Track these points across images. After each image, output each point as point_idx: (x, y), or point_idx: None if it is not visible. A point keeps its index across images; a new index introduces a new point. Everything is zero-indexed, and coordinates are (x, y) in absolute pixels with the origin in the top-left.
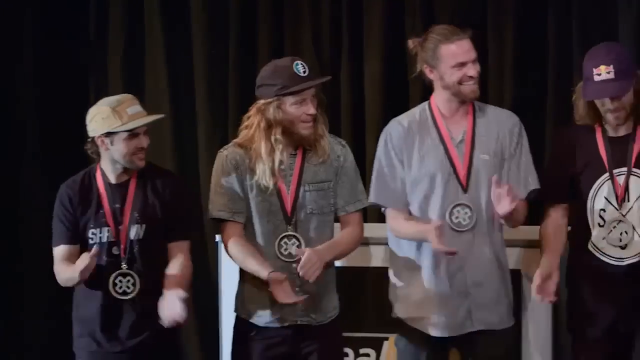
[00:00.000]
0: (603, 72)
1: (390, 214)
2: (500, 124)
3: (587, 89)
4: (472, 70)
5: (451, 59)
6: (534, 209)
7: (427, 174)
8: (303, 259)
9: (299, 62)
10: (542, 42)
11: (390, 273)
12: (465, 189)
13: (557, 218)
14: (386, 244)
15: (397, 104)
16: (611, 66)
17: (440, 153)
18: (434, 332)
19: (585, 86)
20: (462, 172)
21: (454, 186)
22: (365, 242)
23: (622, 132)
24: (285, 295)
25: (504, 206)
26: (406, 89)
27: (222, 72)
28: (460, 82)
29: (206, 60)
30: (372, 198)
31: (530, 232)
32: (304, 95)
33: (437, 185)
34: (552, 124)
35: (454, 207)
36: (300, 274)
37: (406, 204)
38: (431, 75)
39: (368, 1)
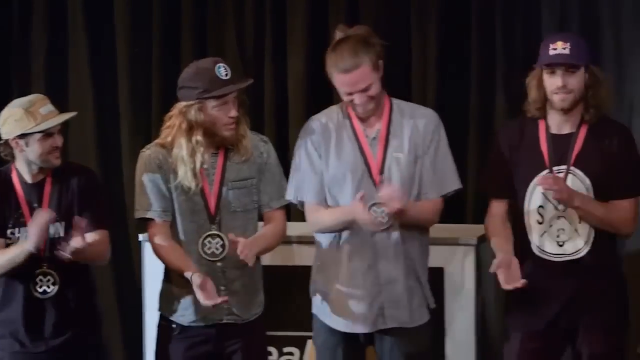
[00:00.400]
0: (559, 47)
1: (310, 208)
2: (416, 122)
3: (542, 58)
4: (358, 99)
5: (336, 83)
6: (455, 208)
7: (342, 172)
8: (240, 245)
9: (221, 64)
10: (465, 41)
11: (312, 270)
12: (378, 188)
13: (501, 213)
14: (310, 242)
15: (321, 102)
16: (568, 44)
17: (354, 151)
18: (348, 329)
19: (541, 58)
20: (375, 170)
21: (368, 184)
22: (289, 241)
23: (565, 130)
24: (207, 296)
25: (393, 205)
26: (329, 88)
27: (145, 71)
28: (351, 103)
29: (129, 59)
30: (291, 194)
31: (452, 230)
32: (225, 98)
33: (352, 182)
34: (475, 122)
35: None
36: (240, 256)
37: (325, 198)
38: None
39: (291, 0)
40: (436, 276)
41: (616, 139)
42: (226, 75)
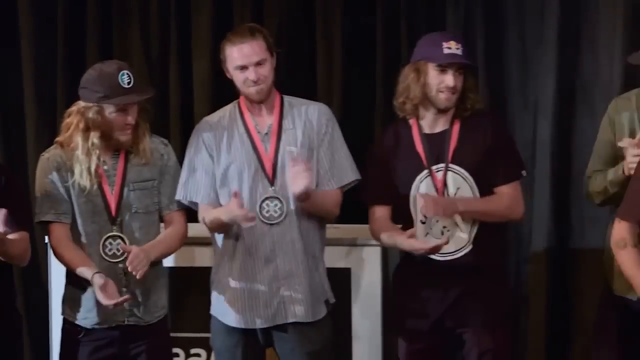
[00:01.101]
0: (453, 47)
1: (201, 207)
2: (308, 116)
3: (437, 56)
4: (253, 74)
5: (232, 61)
6: (361, 209)
7: (235, 168)
8: (130, 255)
9: (125, 71)
10: (370, 38)
11: (212, 269)
12: (272, 182)
13: (385, 215)
14: (210, 243)
15: (226, 103)
16: (460, 44)
17: (247, 147)
18: (247, 325)
19: (433, 55)
20: (268, 165)
21: (261, 179)
22: (191, 242)
23: (438, 128)
24: (107, 297)
25: (299, 184)
26: (234, 88)
27: (50, 71)
28: (245, 85)
29: (34, 59)
30: (181, 193)
31: (358, 231)
32: (124, 105)
33: (245, 178)
34: (381, 119)
35: (264, 200)
36: (129, 269)
37: (216, 197)
38: (228, 75)
39: (196, 1)
40: (343, 277)
41: (489, 129)
42: (129, 83)
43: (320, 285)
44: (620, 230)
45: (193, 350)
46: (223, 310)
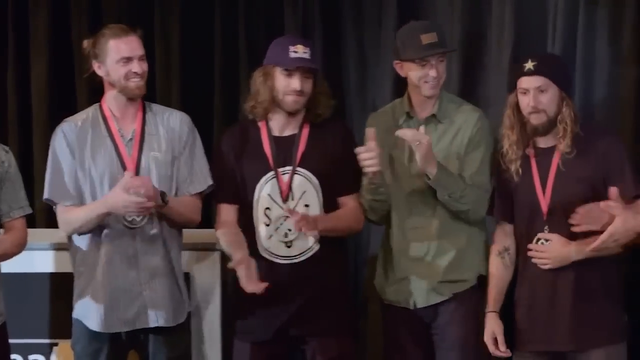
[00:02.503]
0: (300, 51)
1: (61, 209)
2: (170, 124)
3: (283, 60)
4: (137, 67)
5: (117, 53)
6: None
7: (97, 173)
8: None
9: None
10: (208, 43)
11: (74, 275)
12: None
13: (231, 218)
14: (60, 249)
15: (64, 106)
16: (308, 48)
17: (110, 151)
18: (109, 329)
19: (280, 59)
20: (131, 170)
21: None
22: (30, 248)
23: (288, 131)
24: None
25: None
26: (73, 91)
27: None
28: (126, 78)
29: None
30: (47, 194)
31: (198, 235)
32: None
33: (107, 183)
34: (219, 120)
35: None
36: None
37: (79, 198)
38: (100, 71)
39: (33, 2)
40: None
41: (339, 137)
42: None
43: (179, 290)
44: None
45: (32, 357)
46: (86, 313)
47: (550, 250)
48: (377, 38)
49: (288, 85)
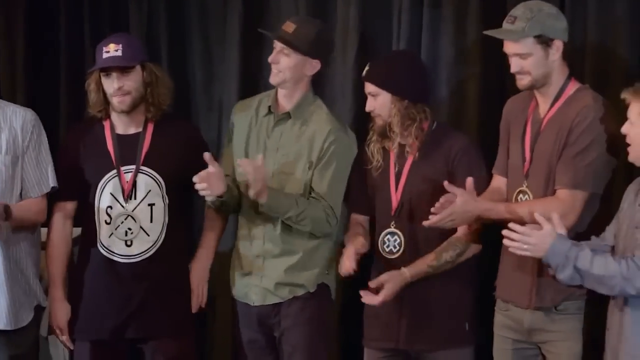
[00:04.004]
0: (112, 50)
1: None
2: (13, 123)
3: (97, 62)
4: None
5: None
6: None
7: None
8: None
9: None
10: (54, 40)
11: None
12: None
13: (59, 220)
14: None
15: None
16: (120, 45)
17: None
18: None
19: (97, 61)
20: None
21: None
22: None
23: (131, 130)
24: None
25: None
26: None
27: None
28: None
29: None
30: None
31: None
32: None
33: None
34: (65, 120)
35: None
36: None
37: None
38: None
39: None
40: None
41: (184, 137)
42: None
43: (27, 291)
44: None
45: None
46: None
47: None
48: (222, 35)
49: (109, 86)
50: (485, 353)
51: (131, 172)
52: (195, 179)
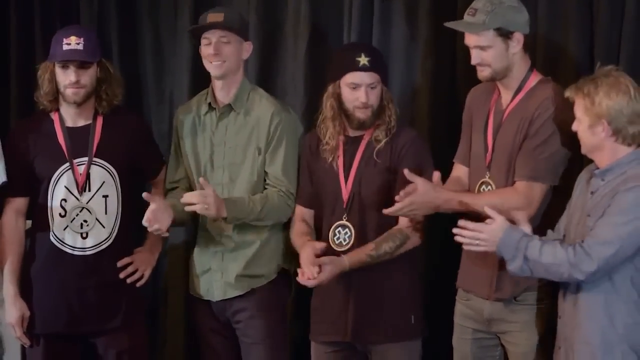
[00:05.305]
0: (73, 43)
1: None
2: None
3: (56, 53)
4: None
5: None
6: None
7: None
8: None
9: None
10: (3, 33)
11: None
12: None
13: (11, 216)
14: None
15: None
16: (82, 39)
17: None
18: None
19: (54, 53)
20: None
21: None
22: None
23: (81, 122)
24: None
25: None
26: None
27: None
28: None
29: None
30: None
31: None
32: None
33: None
34: (15, 114)
35: None
36: None
37: None
38: None
39: None
40: None
41: (132, 128)
42: None
43: None
44: None
45: None
46: None
47: None
48: (173, 28)
49: (65, 79)
50: (444, 342)
51: (84, 164)
52: (144, 222)
